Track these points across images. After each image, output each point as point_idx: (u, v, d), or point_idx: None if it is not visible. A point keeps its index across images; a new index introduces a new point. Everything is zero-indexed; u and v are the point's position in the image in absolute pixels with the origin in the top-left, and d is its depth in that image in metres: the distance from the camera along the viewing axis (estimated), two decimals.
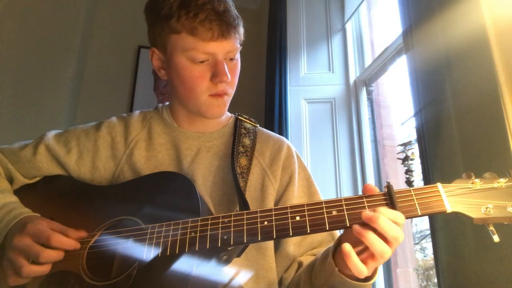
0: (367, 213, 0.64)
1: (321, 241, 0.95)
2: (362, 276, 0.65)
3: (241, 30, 0.91)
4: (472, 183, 0.65)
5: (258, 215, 0.70)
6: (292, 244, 0.93)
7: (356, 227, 0.64)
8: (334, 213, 0.67)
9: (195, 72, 0.88)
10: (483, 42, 1.05)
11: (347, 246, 0.64)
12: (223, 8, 0.86)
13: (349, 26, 2.44)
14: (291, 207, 0.70)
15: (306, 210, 0.68)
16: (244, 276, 0.87)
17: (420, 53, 1.33)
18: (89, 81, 2.71)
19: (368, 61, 2.34)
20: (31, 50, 2.38)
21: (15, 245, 0.73)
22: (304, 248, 0.94)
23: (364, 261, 0.65)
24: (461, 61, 1.14)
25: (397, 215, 0.64)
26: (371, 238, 0.62)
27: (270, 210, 0.70)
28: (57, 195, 0.95)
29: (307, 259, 0.91)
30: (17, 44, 2.35)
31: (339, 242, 0.73)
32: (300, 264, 0.92)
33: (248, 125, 1.04)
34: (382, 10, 2.45)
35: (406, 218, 0.65)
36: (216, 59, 0.88)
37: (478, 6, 1.07)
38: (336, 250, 0.73)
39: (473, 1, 1.09)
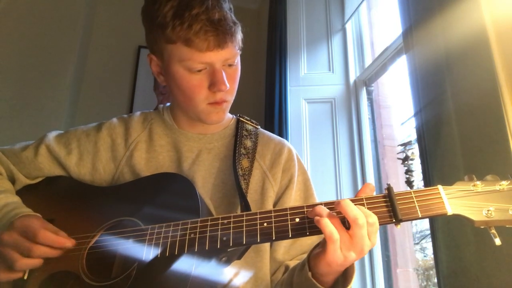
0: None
1: (311, 245, 0.93)
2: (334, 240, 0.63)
3: (239, 36, 0.89)
4: (474, 185, 0.64)
5: (258, 216, 0.70)
6: (282, 247, 0.92)
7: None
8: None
9: (193, 82, 0.86)
10: (483, 42, 1.05)
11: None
12: (218, 16, 0.82)
13: (349, 26, 2.44)
14: (291, 208, 0.70)
15: (305, 212, 0.68)
16: (242, 278, 0.87)
17: (420, 53, 1.33)
18: (89, 81, 2.71)
19: (368, 61, 2.34)
20: (31, 51, 2.37)
21: (5, 241, 0.74)
22: (294, 251, 0.93)
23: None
24: (461, 61, 1.14)
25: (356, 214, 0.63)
26: (319, 222, 0.64)
27: (270, 211, 0.70)
28: (59, 196, 0.95)
29: (294, 263, 0.90)
30: (17, 45, 2.35)
31: (317, 244, 0.72)
32: (286, 268, 0.91)
33: (250, 127, 1.03)
34: (382, 10, 2.44)
35: (407, 220, 0.65)
36: (214, 67, 0.86)
37: (478, 6, 1.07)
38: (313, 252, 0.73)
39: (473, 1, 1.09)
